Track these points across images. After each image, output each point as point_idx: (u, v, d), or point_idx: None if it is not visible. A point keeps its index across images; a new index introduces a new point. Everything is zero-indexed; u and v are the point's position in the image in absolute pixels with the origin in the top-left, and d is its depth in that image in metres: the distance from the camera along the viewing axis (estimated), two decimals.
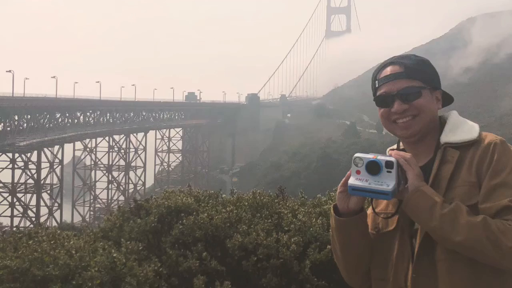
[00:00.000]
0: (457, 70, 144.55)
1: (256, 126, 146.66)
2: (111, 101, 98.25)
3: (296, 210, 5.48)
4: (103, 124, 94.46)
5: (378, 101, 2.42)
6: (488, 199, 2.14)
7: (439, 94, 2.43)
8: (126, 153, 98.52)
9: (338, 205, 2.33)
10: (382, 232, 2.41)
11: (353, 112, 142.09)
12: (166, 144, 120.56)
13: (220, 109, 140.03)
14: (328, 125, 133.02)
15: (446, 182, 2.23)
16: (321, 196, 6.23)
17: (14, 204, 67.75)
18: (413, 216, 2.20)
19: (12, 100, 69.38)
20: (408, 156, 2.21)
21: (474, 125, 2.34)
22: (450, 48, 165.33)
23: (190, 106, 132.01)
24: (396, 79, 2.36)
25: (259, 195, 5.72)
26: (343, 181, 2.27)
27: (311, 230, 5.06)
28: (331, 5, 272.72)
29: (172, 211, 5.39)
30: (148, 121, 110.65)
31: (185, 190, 6.19)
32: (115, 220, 5.60)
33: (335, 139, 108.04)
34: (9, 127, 70.68)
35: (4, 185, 69.06)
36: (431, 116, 2.37)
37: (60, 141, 76.07)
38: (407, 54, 2.50)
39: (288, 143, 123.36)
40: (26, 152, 68.64)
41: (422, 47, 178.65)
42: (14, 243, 5.06)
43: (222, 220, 5.15)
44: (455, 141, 2.29)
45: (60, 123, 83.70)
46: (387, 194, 2.13)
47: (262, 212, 5.46)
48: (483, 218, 2.05)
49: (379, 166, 2.14)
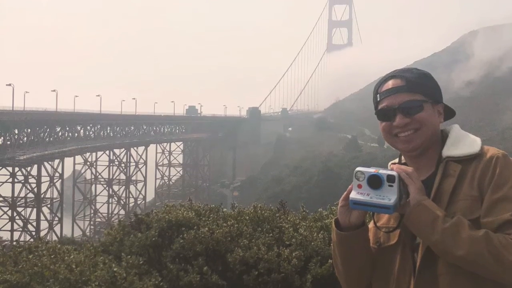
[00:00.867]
0: (459, 84, 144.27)
1: (257, 139, 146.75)
2: (111, 115, 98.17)
3: (297, 224, 5.46)
4: (103, 138, 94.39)
5: (379, 115, 2.42)
6: (490, 213, 2.13)
7: (441, 107, 2.43)
8: (127, 167, 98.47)
9: (339, 219, 2.32)
10: (383, 246, 2.39)
11: (354, 125, 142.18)
12: (166, 158, 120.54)
13: (221, 123, 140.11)
14: (329, 138, 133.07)
15: (448, 196, 2.22)
16: (323, 210, 6.22)
17: (14, 218, 67.60)
18: (415, 230, 2.19)
19: (12, 113, 69.27)
20: (410, 170, 2.20)
21: (476, 139, 2.34)
22: (452, 61, 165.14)
23: (190, 119, 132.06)
24: (398, 92, 2.36)
25: (260, 209, 5.71)
26: (345, 195, 2.26)
27: (313, 245, 5.04)
28: (332, 18, 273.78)
29: (173, 225, 5.38)
30: (149, 135, 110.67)
31: (185, 204, 6.18)
32: (115, 234, 5.59)
33: (336, 153, 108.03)
34: (9, 141, 70.57)
35: (4, 199, 68.91)
36: (433, 130, 2.36)
37: (60, 155, 76.09)
38: (408, 67, 2.50)
39: (289, 157, 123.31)
40: (26, 166, 68.61)
41: (423, 61, 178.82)
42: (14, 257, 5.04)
43: (223, 234, 5.14)
44: (457, 155, 2.29)
45: (60, 137, 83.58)
46: (389, 208, 2.12)
47: (263, 226, 5.45)
48: (485, 232, 2.04)
49: (380, 180, 2.14)
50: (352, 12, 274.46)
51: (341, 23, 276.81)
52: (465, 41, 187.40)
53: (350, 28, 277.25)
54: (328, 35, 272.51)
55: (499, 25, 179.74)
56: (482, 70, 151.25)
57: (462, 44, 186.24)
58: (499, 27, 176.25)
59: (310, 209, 6.33)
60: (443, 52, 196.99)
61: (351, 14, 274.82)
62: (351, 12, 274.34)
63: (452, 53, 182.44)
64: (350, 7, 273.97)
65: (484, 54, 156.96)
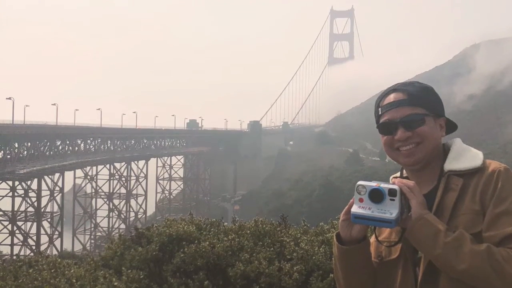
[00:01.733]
0: (461, 97, 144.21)
1: (258, 153, 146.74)
2: (112, 129, 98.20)
3: (298, 239, 5.45)
4: (104, 152, 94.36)
5: (381, 129, 2.42)
6: (492, 227, 2.12)
7: (442, 121, 2.43)
8: (127, 181, 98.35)
9: (340, 234, 2.32)
10: (385, 260, 2.39)
11: (356, 139, 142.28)
12: (167, 171, 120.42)
13: (221, 137, 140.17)
14: (330, 152, 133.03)
15: (449, 210, 2.22)
16: (324, 224, 6.20)
17: (14, 233, 67.42)
18: (417, 244, 2.18)
19: (12, 127, 69.22)
20: (412, 184, 2.20)
21: (478, 153, 2.33)
22: (453, 75, 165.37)
23: (191, 133, 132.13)
24: (399, 106, 2.36)
25: (261, 223, 5.70)
26: (346, 209, 2.26)
27: (314, 259, 5.02)
28: (333, 31, 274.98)
29: (174, 240, 5.36)
30: (149, 148, 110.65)
31: (186, 218, 6.16)
32: (116, 248, 5.57)
33: (337, 166, 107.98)
34: (9, 155, 70.53)
35: (4, 213, 68.76)
36: (435, 144, 2.37)
37: (61, 168, 76.00)
38: (410, 81, 2.50)
39: (290, 170, 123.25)
40: (26, 180, 68.47)
41: (425, 74, 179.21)
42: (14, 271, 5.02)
43: (224, 248, 5.12)
44: (459, 169, 2.28)
45: (60, 151, 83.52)
46: (390, 222, 2.12)
47: (264, 240, 5.43)
48: (487, 246, 2.04)
49: (382, 194, 2.14)
50: (353, 25, 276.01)
51: (343, 36, 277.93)
52: (467, 55, 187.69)
53: (352, 41, 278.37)
54: (330, 48, 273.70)
55: (501, 39, 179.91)
56: (484, 83, 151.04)
57: (464, 58, 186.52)
58: (501, 41, 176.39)
59: (311, 223, 6.32)
60: (445, 65, 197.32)
61: (353, 28, 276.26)
62: (353, 25, 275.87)
63: (454, 67, 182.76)
64: (351, 20, 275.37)
65: (486, 67, 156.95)
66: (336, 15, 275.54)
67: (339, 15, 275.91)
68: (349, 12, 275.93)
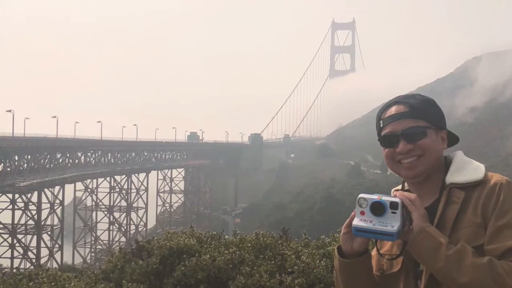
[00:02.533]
0: (463, 110, 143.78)
1: (259, 166, 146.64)
2: (112, 141, 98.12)
3: (299, 252, 5.43)
4: (104, 165, 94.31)
5: (382, 141, 2.42)
6: (494, 240, 2.11)
7: (444, 134, 2.44)
8: (128, 194, 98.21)
9: (342, 247, 2.31)
10: (386, 273, 2.38)
11: (357, 152, 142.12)
12: (168, 184, 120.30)
13: (222, 149, 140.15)
14: (332, 165, 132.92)
15: (451, 223, 2.22)
16: (325, 237, 6.20)
17: (14, 246, 67.22)
18: (418, 257, 2.18)
19: (12, 140, 69.18)
20: (413, 197, 2.20)
21: (479, 166, 2.33)
22: (455, 87, 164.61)
23: (192, 146, 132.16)
24: (401, 118, 2.36)
25: (262, 236, 5.69)
26: (347, 222, 2.25)
27: (315, 272, 5.00)
28: (335, 44, 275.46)
29: (174, 253, 5.35)
30: (150, 161, 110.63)
31: (187, 231, 6.16)
32: (116, 261, 5.55)
33: (339, 179, 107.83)
34: (9, 168, 70.47)
35: (4, 226, 68.62)
36: (436, 157, 2.37)
37: (61, 181, 75.88)
38: (412, 93, 2.51)
39: (291, 183, 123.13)
40: (26, 193, 68.34)
41: (427, 86, 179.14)
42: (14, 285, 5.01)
43: (224, 261, 5.10)
44: (460, 182, 2.28)
45: (60, 164, 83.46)
46: (392, 235, 2.11)
47: (265, 253, 5.42)
48: (489, 259, 2.03)
49: (383, 207, 2.13)
50: (355, 37, 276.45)
51: (344, 48, 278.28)
52: (468, 67, 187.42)
53: (353, 53, 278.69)
54: (331, 60, 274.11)
55: (503, 51, 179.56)
56: (486, 96, 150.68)
57: (465, 70, 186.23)
58: (503, 53, 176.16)
59: (312, 236, 6.31)
60: (446, 78, 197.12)
61: (354, 40, 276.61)
62: (354, 37, 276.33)
63: (455, 79, 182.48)
64: (352, 32, 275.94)
65: (487, 80, 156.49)
66: (338, 27, 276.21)
67: (340, 28, 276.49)
68: (350, 25, 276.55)
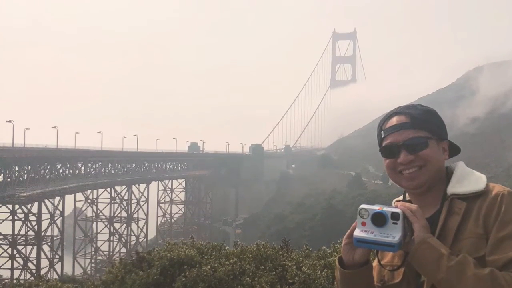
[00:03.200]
0: (464, 120, 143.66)
1: (260, 177, 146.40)
2: (112, 152, 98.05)
3: (300, 263, 5.42)
4: (104, 175, 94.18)
5: (383, 152, 2.42)
6: (495, 251, 2.11)
7: (445, 144, 2.44)
8: (128, 205, 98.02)
9: (343, 257, 2.30)
10: (388, 284, 2.38)
11: (358, 162, 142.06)
12: (168, 195, 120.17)
13: (223, 160, 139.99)
14: (333, 176, 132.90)
15: (453, 234, 2.21)
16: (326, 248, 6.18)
17: (14, 256, 67.05)
18: (420, 268, 2.17)
19: (12, 150, 69.02)
20: (414, 208, 2.19)
21: (481, 176, 2.33)
22: (457, 97, 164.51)
23: (193, 156, 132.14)
24: (402, 129, 2.37)
25: (263, 247, 5.68)
26: (348, 233, 2.25)
27: (316, 283, 4.99)
28: (336, 54, 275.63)
29: (175, 263, 5.33)
30: (151, 172, 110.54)
31: (188, 242, 6.15)
32: (116, 272, 5.54)
33: (340, 190, 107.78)
34: (9, 178, 70.31)
35: (4, 237, 68.47)
36: (438, 167, 2.36)
37: (61, 192, 75.78)
38: (413, 104, 2.52)
39: (292, 194, 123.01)
40: (26, 204, 68.24)
41: (428, 97, 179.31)
42: None
43: (225, 272, 5.09)
44: (462, 193, 2.28)
45: (61, 174, 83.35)
46: (393, 246, 2.11)
47: (266, 264, 5.40)
48: (490, 270, 2.02)
49: (385, 218, 2.13)
50: (356, 48, 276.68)
51: (345, 59, 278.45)
52: (470, 77, 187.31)
53: (354, 64, 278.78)
54: (332, 71, 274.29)
55: (505, 61, 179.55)
56: (488, 106, 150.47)
57: (467, 80, 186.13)
58: (505, 63, 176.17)
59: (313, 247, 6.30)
60: (448, 88, 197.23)
61: (355, 50, 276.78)
62: (355, 48, 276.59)
63: (457, 89, 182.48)
64: (354, 43, 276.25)
65: (489, 90, 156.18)
66: (339, 37, 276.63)
67: (341, 38, 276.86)
68: (351, 35, 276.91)
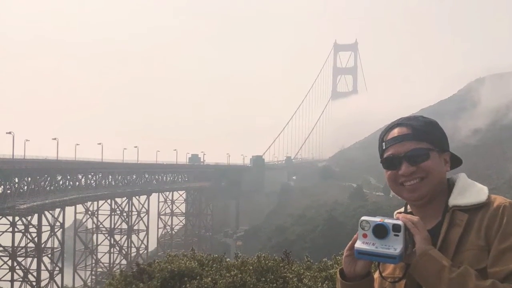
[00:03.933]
0: (466, 132, 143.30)
1: (260, 188, 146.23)
2: (113, 163, 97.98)
3: (301, 274, 5.40)
4: (105, 187, 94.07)
5: (385, 163, 2.42)
6: (497, 263, 2.11)
7: (447, 156, 2.44)
8: (129, 216, 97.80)
9: (344, 269, 2.30)
10: None
11: (359, 174, 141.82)
12: (169, 207, 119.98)
13: (224, 171, 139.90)
14: (334, 187, 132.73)
15: (454, 246, 2.21)
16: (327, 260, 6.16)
17: (15, 268, 66.82)
18: (421, 280, 2.16)
19: (12, 162, 69.06)
20: (416, 219, 2.19)
21: (482, 188, 2.33)
22: (458, 109, 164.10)
23: (193, 168, 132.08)
24: (404, 141, 2.37)
25: (264, 259, 5.66)
26: (350, 244, 2.25)
27: None
28: (337, 65, 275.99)
29: (176, 275, 5.32)
30: (151, 183, 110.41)
31: (188, 254, 6.13)
32: (117, 284, 5.52)
33: (341, 201, 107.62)
34: (9, 190, 70.25)
35: (4, 249, 68.28)
36: (439, 179, 2.36)
37: (61, 204, 75.66)
38: (414, 115, 2.52)
39: (293, 205, 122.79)
40: (26, 215, 68.07)
41: (430, 108, 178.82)
42: None
43: (226, 284, 5.07)
44: (463, 204, 2.28)
45: (61, 186, 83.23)
46: (394, 258, 2.10)
47: (267, 276, 5.38)
48: (492, 282, 2.02)
49: (386, 230, 2.13)
50: (357, 59, 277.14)
51: (346, 70, 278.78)
52: (471, 89, 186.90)
53: (355, 75, 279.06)
54: (333, 82, 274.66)
55: (506, 73, 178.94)
56: (489, 117, 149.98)
57: (468, 92, 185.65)
58: (506, 75, 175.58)
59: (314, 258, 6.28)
60: (449, 99, 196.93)
61: (356, 61, 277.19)
62: (356, 59, 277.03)
63: (458, 101, 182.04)
64: (355, 54, 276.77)
65: (491, 101, 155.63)
66: (340, 48, 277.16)
67: (342, 49, 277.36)
68: (352, 46, 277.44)
